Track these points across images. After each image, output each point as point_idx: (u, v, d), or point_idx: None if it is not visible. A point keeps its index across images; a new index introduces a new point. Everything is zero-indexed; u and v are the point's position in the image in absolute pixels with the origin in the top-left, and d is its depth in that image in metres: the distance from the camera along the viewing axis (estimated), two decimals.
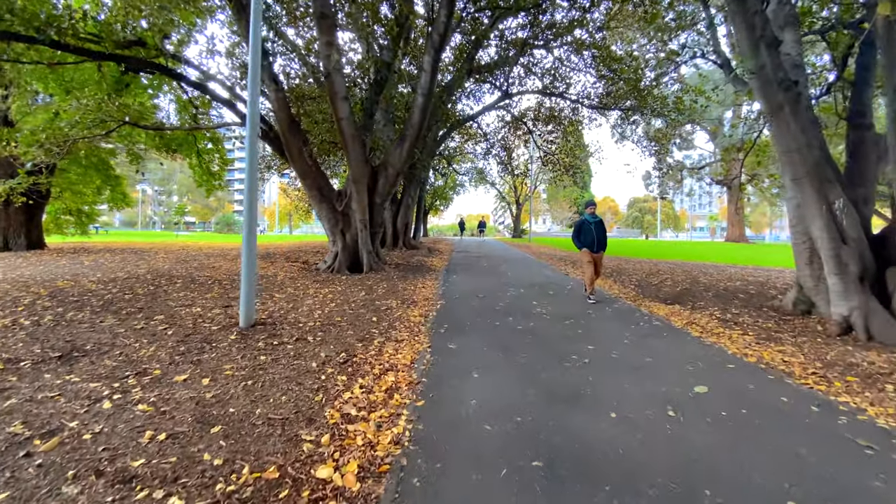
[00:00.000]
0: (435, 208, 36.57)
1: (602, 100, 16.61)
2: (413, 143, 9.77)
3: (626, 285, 8.85)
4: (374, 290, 7.31)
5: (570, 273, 10.91)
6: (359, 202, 9.58)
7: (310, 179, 9.63)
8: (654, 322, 5.69)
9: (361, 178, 9.53)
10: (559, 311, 6.18)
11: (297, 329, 4.76)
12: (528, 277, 9.79)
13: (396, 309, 5.98)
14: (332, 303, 6.18)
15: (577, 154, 18.69)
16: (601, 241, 7.00)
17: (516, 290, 7.98)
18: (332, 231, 9.84)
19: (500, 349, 4.30)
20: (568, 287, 8.48)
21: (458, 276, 9.91)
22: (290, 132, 9.13)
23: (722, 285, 8.80)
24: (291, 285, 7.53)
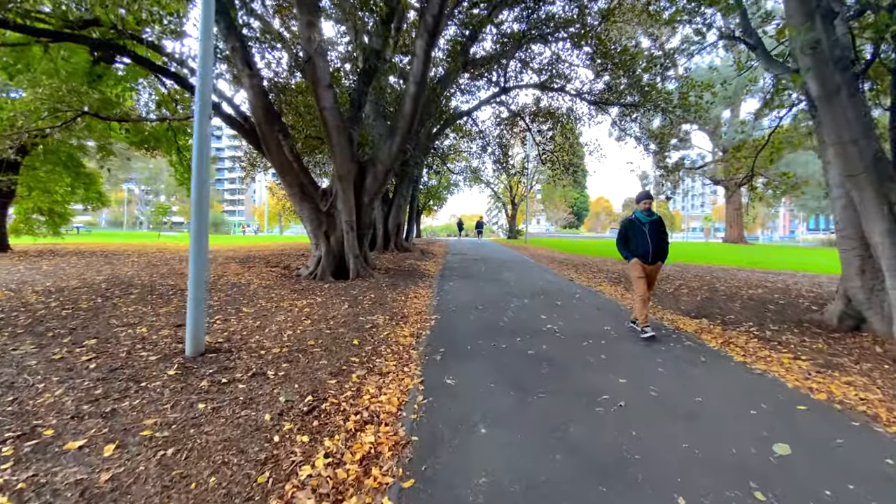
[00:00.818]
0: (428, 208, 35.67)
1: (603, 95, 15.84)
2: (405, 136, 8.87)
3: None
4: (359, 302, 6.40)
5: (575, 278, 10.08)
6: (345, 201, 8.66)
7: (290, 176, 8.69)
8: (684, 341, 4.85)
9: (347, 175, 8.62)
10: (573, 327, 5.32)
11: (258, 358, 3.84)
12: (529, 283, 8.94)
13: (383, 327, 5.08)
14: (308, 319, 5.26)
15: (576, 152, 17.89)
16: (660, 248, 5.01)
17: (519, 299, 7.11)
18: (315, 233, 8.91)
19: (511, 385, 3.42)
20: (576, 295, 7.63)
21: (454, 282, 9.03)
22: (267, 123, 8.19)
23: (744, 293, 8.01)
24: (265, 296, 6.60)
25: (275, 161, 8.49)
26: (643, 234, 4.99)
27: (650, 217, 5.03)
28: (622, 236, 5.13)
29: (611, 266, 13.25)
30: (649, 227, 5.01)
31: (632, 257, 5.05)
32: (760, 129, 27.76)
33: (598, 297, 7.62)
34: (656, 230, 5.02)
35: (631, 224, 5.09)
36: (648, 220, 5.02)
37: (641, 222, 5.04)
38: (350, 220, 8.69)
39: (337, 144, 8.33)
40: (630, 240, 5.07)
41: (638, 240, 5.00)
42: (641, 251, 4.98)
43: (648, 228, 5.00)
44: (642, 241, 4.98)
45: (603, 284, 9.09)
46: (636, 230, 5.04)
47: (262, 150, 8.77)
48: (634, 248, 5.03)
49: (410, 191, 17.26)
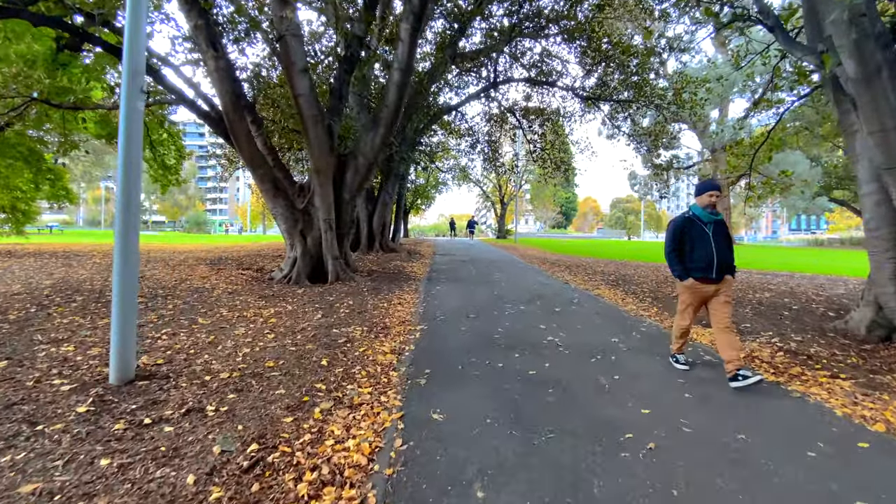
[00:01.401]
0: (416, 207, 34.94)
1: (595, 91, 15.35)
2: (389, 128, 8.17)
3: (641, 298, 7.46)
4: (335, 310, 5.68)
5: (570, 281, 9.50)
6: (322, 198, 7.93)
7: (262, 170, 7.92)
8: (703, 356, 4.27)
9: (326, 170, 7.88)
10: (576, 339, 4.70)
11: (200, 386, 3.12)
12: (523, 287, 8.32)
13: (360, 341, 4.38)
14: (273, 332, 4.54)
15: (566, 150, 17.38)
16: (725, 259, 3.60)
17: (514, 305, 6.48)
18: (290, 233, 8.16)
19: (513, 420, 2.77)
20: (574, 300, 7.03)
21: (443, 285, 8.37)
22: (236, 111, 7.41)
23: (750, 297, 7.52)
24: (228, 304, 5.84)
25: (245, 153, 7.71)
26: (706, 238, 3.57)
27: (714, 216, 3.64)
28: (675, 241, 3.68)
29: (604, 267, 12.75)
30: (713, 230, 3.60)
31: (685, 276, 3.65)
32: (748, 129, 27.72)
33: (598, 302, 7.04)
34: (722, 234, 3.63)
35: (689, 225, 3.64)
36: (713, 220, 3.63)
37: (703, 222, 3.61)
38: (328, 219, 7.96)
39: (314, 136, 7.60)
40: (687, 247, 3.64)
41: (699, 247, 3.57)
42: (703, 263, 3.56)
43: (713, 231, 3.59)
44: (705, 250, 3.55)
45: (601, 288, 8.52)
46: (696, 234, 3.60)
47: (230, 142, 7.97)
48: (694, 258, 3.60)
49: (397, 188, 16.54)
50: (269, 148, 8.62)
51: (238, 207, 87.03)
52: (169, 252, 14.80)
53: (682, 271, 3.68)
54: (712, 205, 3.63)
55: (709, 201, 3.62)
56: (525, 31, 15.10)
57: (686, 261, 3.66)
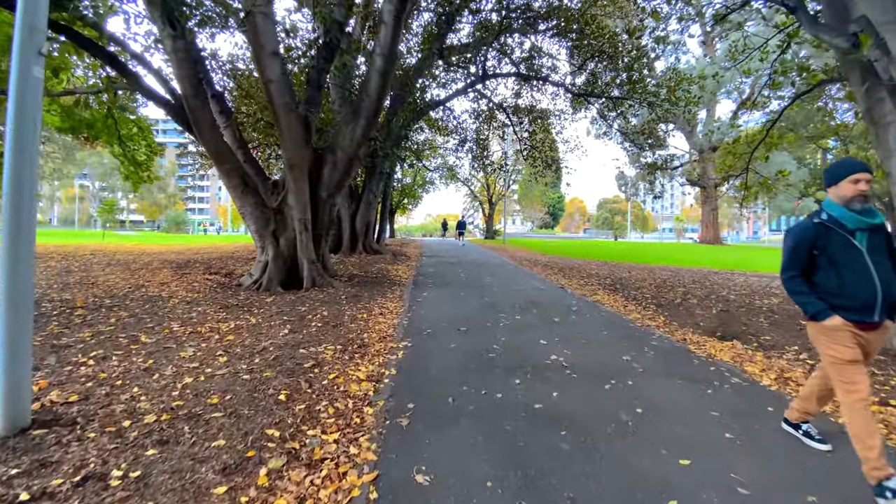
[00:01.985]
0: (403, 207, 34.18)
1: (586, 87, 14.87)
2: (371, 119, 7.48)
3: (644, 305, 6.92)
4: (306, 324, 4.97)
5: (565, 285, 8.93)
6: (297, 195, 7.19)
7: (228, 164, 7.15)
8: (729, 378, 3.69)
9: (301, 164, 7.15)
10: (584, 358, 4.09)
11: (114, 436, 2.40)
12: (517, 292, 7.71)
13: (331, 364, 3.69)
14: (226, 354, 3.81)
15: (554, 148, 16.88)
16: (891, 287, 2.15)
17: (509, 314, 5.85)
18: (261, 234, 7.41)
19: (521, 483, 2.12)
20: (573, 308, 6.44)
21: (430, 291, 7.70)
22: (198, 98, 6.63)
23: (758, 304, 7.04)
24: (181, 317, 5.07)
25: (209, 146, 6.93)
26: (857, 256, 2.18)
27: (871, 219, 2.18)
28: (799, 262, 2.30)
29: (597, 269, 12.25)
30: (869, 242, 2.19)
31: (829, 312, 2.19)
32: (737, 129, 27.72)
33: (599, 310, 6.46)
34: (884, 248, 2.22)
35: (823, 236, 2.23)
36: (867, 226, 2.18)
37: (848, 230, 2.20)
38: (304, 219, 7.23)
39: (286, 127, 6.86)
40: (822, 272, 2.26)
41: (847, 271, 2.18)
42: (858, 298, 2.16)
43: (868, 244, 2.18)
44: (858, 274, 2.16)
45: (599, 293, 7.96)
46: (838, 248, 2.21)
47: (193, 133, 7.17)
48: (840, 289, 2.19)
49: (381, 187, 15.81)
50: (240, 141, 7.85)
51: (219, 206, 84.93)
52: (137, 254, 13.84)
53: (817, 305, 2.22)
54: (860, 196, 2.16)
55: (855, 191, 2.16)
56: (515, 26, 14.57)
57: (824, 293, 2.24)
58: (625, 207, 59.51)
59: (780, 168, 28.44)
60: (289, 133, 6.92)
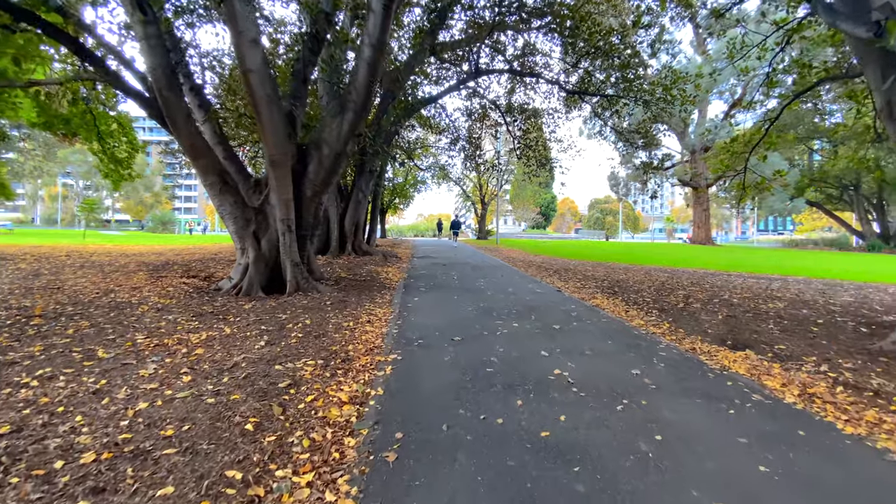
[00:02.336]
0: (394, 206, 33.72)
1: (581, 85, 14.60)
2: (359, 113, 7.06)
3: (646, 310, 6.60)
4: (285, 334, 4.55)
5: (562, 288, 8.59)
6: (279, 194, 6.76)
7: (205, 160, 6.69)
8: (749, 394, 3.36)
9: (283, 160, 6.71)
10: (589, 371, 3.73)
11: (40, 483, 1.98)
12: (513, 296, 7.36)
13: (310, 384, 3.28)
14: (191, 373, 3.38)
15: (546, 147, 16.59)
16: None
17: (505, 321, 5.49)
18: (240, 235, 6.96)
19: None
20: (572, 314, 6.10)
21: (421, 296, 7.31)
22: (171, 89, 6.17)
23: (764, 308, 6.76)
24: (148, 327, 4.62)
25: (184, 140, 6.47)
26: None
27: None
28: None
29: (593, 271, 11.96)
30: None
31: None
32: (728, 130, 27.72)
33: (599, 315, 6.13)
34: None
35: None
36: None
37: None
38: (287, 219, 6.79)
39: (267, 120, 6.41)
40: None
41: None
42: None
43: None
44: None
45: (597, 297, 7.64)
46: None
47: (166, 126, 6.69)
48: None
49: (372, 186, 15.37)
50: (220, 137, 7.39)
51: (207, 205, 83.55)
52: (115, 255, 13.24)
53: None
54: None
55: None
56: (508, 22, 14.27)
57: None
58: (616, 208, 59.62)
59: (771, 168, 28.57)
60: (270, 127, 6.48)
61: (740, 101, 28.10)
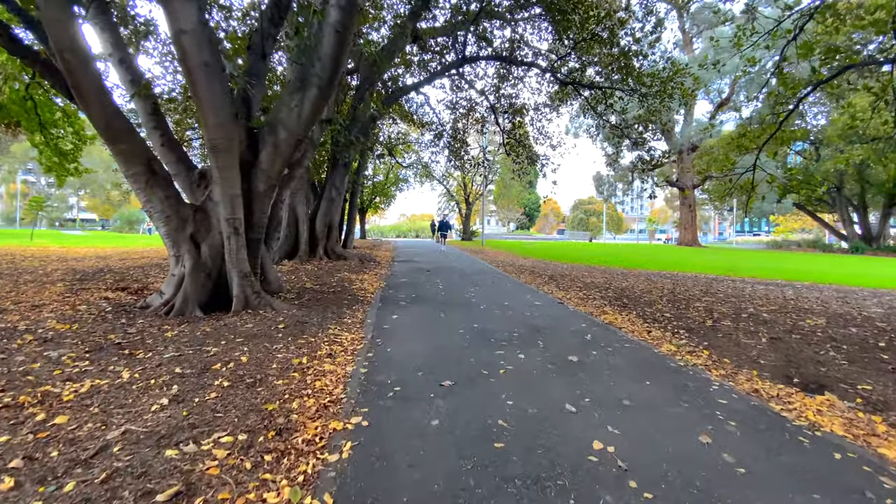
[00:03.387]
0: (375, 206, 32.28)
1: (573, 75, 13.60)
2: (324, 90, 5.76)
3: (670, 329, 5.53)
4: (206, 381, 3.25)
5: (564, 299, 7.48)
6: (224, 188, 5.42)
7: (125, 145, 5.31)
8: (881, 483, 2.26)
9: (228, 147, 5.37)
10: (642, 443, 2.57)
11: None
12: (510, 310, 6.19)
13: (214, 488, 2.02)
14: (18, 473, 2.08)
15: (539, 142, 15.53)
16: None
17: (508, 350, 4.31)
18: (175, 240, 5.60)
19: None
20: (587, 337, 4.96)
21: (401, 313, 6.06)
22: (76, 53, 4.76)
23: (807, 326, 5.77)
24: (15, 370, 3.26)
25: (96, 118, 5.05)
26: None
27: None
28: None
29: (591, 277, 10.92)
30: None
31: None
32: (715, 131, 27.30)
33: (618, 338, 5.01)
34: None
35: None
36: None
37: None
38: (233, 218, 5.46)
39: (205, 94, 5.08)
40: None
41: None
42: None
43: None
44: None
45: (607, 311, 6.55)
46: None
47: (73, 99, 5.27)
48: None
49: (348, 183, 14.02)
50: (156, 117, 6.00)
51: None
52: (52, 259, 11.57)
53: None
54: None
55: None
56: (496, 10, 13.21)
57: None
58: (599, 209, 59.42)
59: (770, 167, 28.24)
60: (209, 104, 5.14)
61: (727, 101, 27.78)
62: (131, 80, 6.00)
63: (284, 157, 5.86)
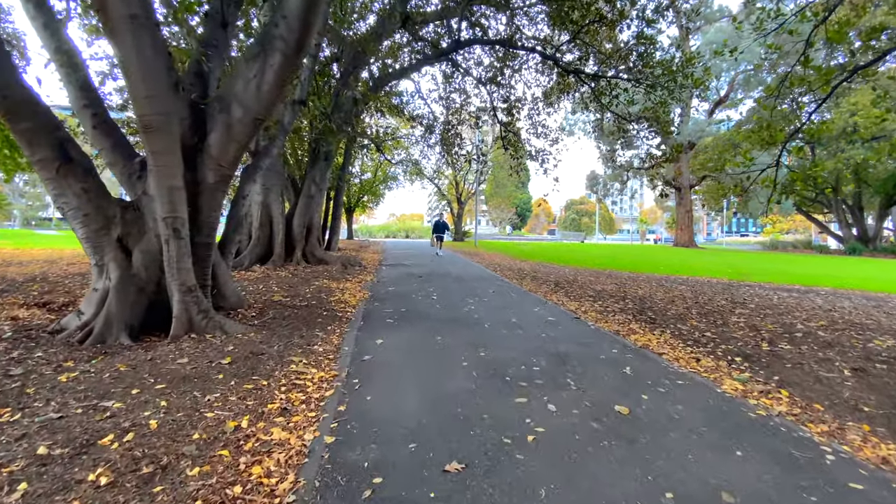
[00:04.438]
0: (363, 205, 30.98)
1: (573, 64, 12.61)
2: (291, 58, 4.59)
3: (725, 358, 4.48)
4: (85, 462, 2.08)
5: (579, 312, 6.42)
6: (159, 178, 4.24)
7: (28, 122, 4.09)
8: None
9: (164, 126, 4.19)
10: None
11: None
12: (522, 332, 5.09)
13: None
14: None
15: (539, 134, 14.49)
16: None
17: (532, 398, 3.20)
18: (97, 245, 4.39)
19: None
20: (625, 369, 3.89)
21: (386, 337, 4.92)
22: None
23: (879, 348, 4.79)
24: None
25: None
26: None
27: None
28: None
29: (600, 283, 9.91)
30: None
31: None
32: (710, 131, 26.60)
33: (665, 370, 3.95)
34: None
35: None
36: None
37: None
38: (173, 217, 4.27)
39: (131, 56, 3.89)
40: None
41: None
42: None
43: None
44: None
45: (636, 331, 5.50)
46: None
47: None
48: None
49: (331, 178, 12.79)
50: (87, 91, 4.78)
51: None
52: None
53: None
54: None
55: None
56: None
57: None
58: (592, 209, 58.80)
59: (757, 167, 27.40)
60: (138, 69, 3.95)
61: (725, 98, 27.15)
62: (56, 49, 4.78)
63: (240, 142, 4.67)
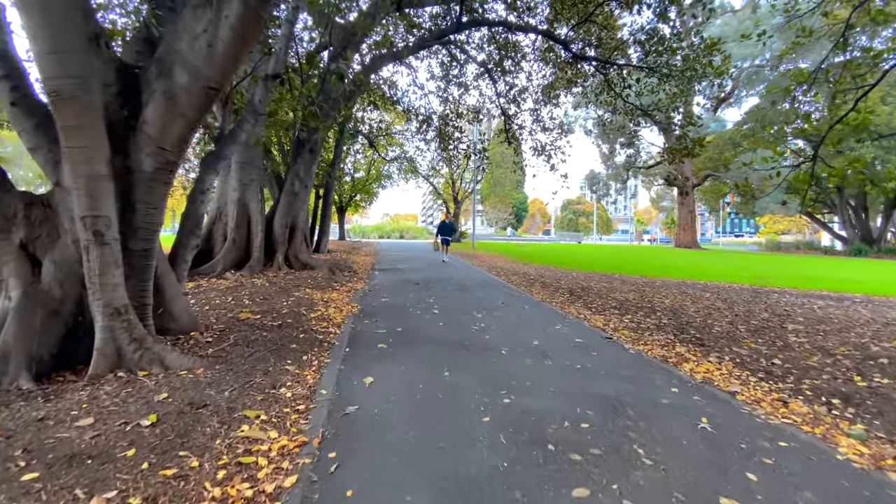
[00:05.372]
0: (355, 204, 29.84)
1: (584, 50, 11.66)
2: (255, 11, 3.52)
3: (813, 395, 3.49)
4: None
5: (608, 329, 5.40)
6: (74, 164, 3.16)
7: None
8: None
9: (78, 92, 3.10)
10: None
11: None
12: (552, 364, 4.07)
13: None
14: None
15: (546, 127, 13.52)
16: None
17: (590, 486, 2.18)
18: None
19: None
20: (698, 422, 2.87)
21: (378, 374, 3.85)
22: None
23: None
24: None
25: None
26: None
27: None
28: None
29: (612, 288, 8.92)
30: None
31: None
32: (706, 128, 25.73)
33: (752, 425, 2.95)
34: None
35: None
36: None
37: None
38: (94, 216, 3.19)
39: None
40: None
41: None
42: None
43: None
44: None
45: (688, 357, 4.49)
46: None
47: None
48: None
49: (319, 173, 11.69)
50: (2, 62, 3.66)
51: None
52: None
53: None
54: None
55: None
56: None
57: None
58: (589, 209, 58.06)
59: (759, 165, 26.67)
60: (39, 15, 2.87)
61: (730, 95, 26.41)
62: None
63: (188, 117, 3.58)
